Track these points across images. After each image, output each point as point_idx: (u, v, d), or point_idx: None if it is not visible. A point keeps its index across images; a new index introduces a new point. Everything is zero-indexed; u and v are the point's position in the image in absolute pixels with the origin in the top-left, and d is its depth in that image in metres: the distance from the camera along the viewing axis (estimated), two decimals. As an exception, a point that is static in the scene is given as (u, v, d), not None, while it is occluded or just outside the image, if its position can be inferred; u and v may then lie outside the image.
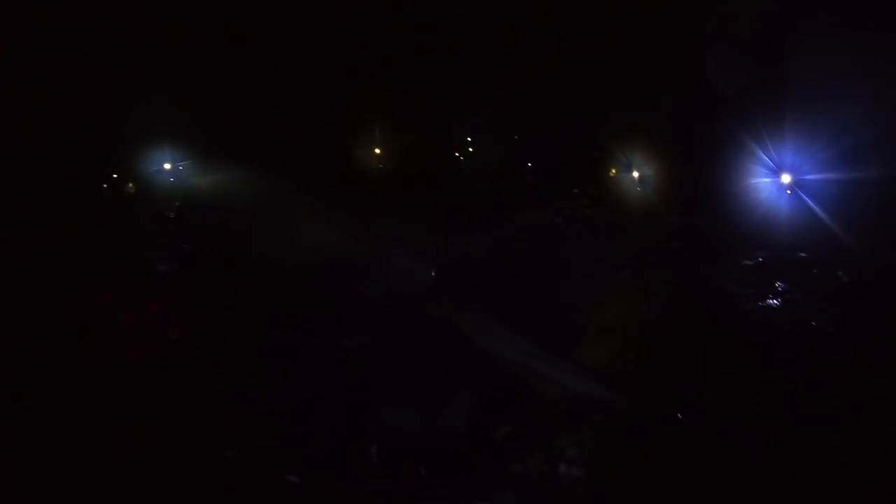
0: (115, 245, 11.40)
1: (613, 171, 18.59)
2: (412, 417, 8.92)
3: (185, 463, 7.14)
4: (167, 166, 16.85)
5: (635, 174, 18.12)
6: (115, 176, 16.76)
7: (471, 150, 20.39)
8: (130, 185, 17.12)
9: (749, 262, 14.00)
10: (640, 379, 10.00)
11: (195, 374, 8.31)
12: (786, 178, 15.07)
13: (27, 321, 8.23)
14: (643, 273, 13.15)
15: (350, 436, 8.62)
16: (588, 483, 8.04)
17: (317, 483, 7.60)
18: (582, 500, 7.93)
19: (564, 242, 15.55)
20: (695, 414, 9.25)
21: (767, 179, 15.68)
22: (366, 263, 13.30)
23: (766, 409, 9.13)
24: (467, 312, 11.35)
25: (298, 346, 10.27)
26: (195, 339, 8.62)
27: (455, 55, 18.43)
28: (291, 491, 7.45)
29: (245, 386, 8.81)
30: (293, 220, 14.44)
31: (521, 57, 18.22)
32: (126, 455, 6.90)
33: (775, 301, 12.70)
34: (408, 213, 15.35)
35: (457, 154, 20.34)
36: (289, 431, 8.42)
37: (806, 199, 15.16)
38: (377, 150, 18.99)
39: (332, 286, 12.33)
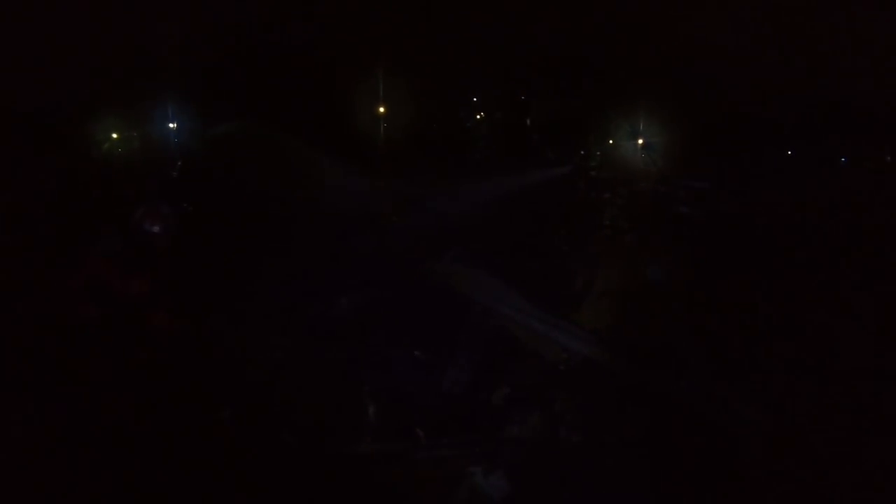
0: (110, 206, 11.25)
1: (620, 136, 18.50)
2: (410, 378, 8.84)
3: (179, 425, 7.03)
4: (171, 125, 16.64)
5: (640, 140, 18.12)
6: (114, 135, 16.56)
7: (477, 110, 20.25)
8: (133, 142, 16.93)
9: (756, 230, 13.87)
10: (642, 343, 9.92)
11: (190, 334, 8.16)
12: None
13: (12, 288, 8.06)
14: (648, 237, 13.02)
15: (347, 397, 8.53)
16: (586, 447, 7.98)
17: (313, 443, 7.50)
18: (579, 463, 7.85)
19: (569, 204, 15.42)
20: (696, 379, 9.17)
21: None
22: (367, 220, 13.17)
23: (767, 377, 9.05)
24: (468, 271, 11.22)
25: (294, 305, 10.17)
26: (191, 299, 8.42)
27: (464, 11, 18.12)
28: (287, 451, 7.35)
29: (240, 346, 8.69)
30: (296, 176, 14.30)
31: (531, 18, 17.96)
32: (116, 420, 6.76)
33: (778, 269, 12.56)
34: (412, 169, 15.22)
35: (462, 114, 20.23)
36: (285, 392, 8.31)
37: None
38: (381, 109, 18.81)
39: (332, 243, 12.20)
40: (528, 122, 18.70)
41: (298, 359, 9.01)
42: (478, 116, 20.07)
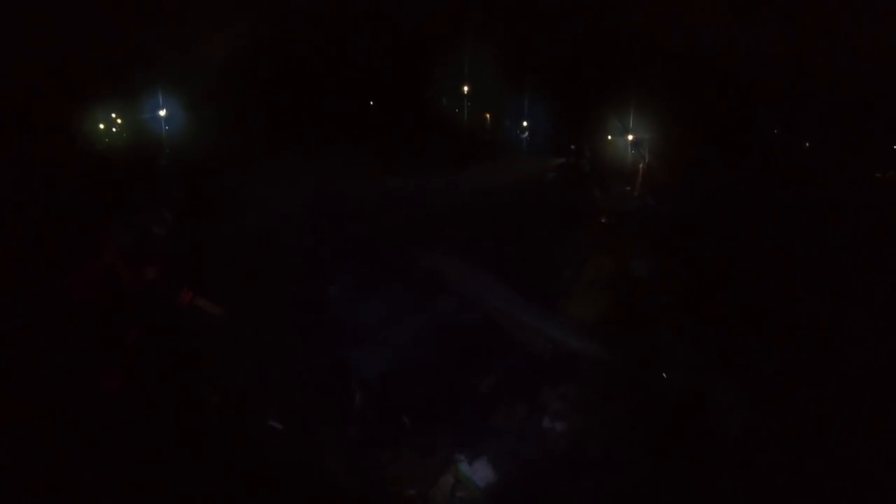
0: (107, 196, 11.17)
1: (611, 132, 18.50)
2: (396, 366, 8.93)
3: (168, 409, 7.10)
4: (162, 113, 16.23)
5: (631, 137, 18.11)
6: (100, 126, 16.28)
7: (469, 98, 20.14)
8: (120, 133, 16.69)
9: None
10: (626, 335, 10.03)
11: (181, 319, 8.23)
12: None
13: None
14: (634, 231, 13.10)
15: (334, 383, 8.61)
16: (570, 436, 8.10)
17: (300, 429, 7.58)
18: (564, 452, 7.97)
19: (558, 196, 15.46)
20: (678, 371, 9.29)
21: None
22: (358, 205, 13.13)
23: (749, 367, 9.16)
24: (455, 260, 11.29)
25: (282, 293, 10.22)
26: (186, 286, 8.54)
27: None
28: (275, 437, 7.43)
29: (229, 333, 8.75)
30: (287, 163, 14.18)
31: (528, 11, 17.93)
32: (108, 401, 6.86)
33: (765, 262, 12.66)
34: (401, 154, 15.13)
35: (456, 97, 20.07)
36: (273, 378, 8.37)
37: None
38: (377, 103, 18.71)
39: (322, 229, 12.19)
40: (522, 113, 18.77)
41: (285, 346, 9.08)
42: (470, 102, 20.00)
